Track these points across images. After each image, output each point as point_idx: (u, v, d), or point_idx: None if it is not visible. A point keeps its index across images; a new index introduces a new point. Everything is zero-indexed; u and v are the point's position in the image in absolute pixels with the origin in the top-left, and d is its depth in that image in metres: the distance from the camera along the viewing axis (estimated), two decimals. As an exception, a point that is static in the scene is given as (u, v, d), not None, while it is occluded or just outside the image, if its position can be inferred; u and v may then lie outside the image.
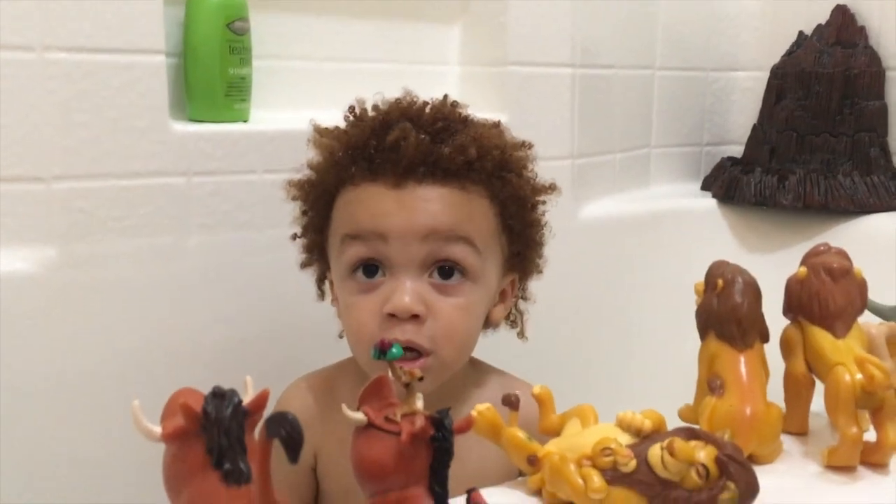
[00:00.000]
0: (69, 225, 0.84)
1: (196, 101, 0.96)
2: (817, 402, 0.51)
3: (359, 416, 0.37)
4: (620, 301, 1.26)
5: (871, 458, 0.47)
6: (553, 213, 1.19)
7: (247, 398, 0.36)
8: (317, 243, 0.79)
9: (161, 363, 0.90)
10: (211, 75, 0.95)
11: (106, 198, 0.86)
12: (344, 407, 0.37)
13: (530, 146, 0.78)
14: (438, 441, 0.36)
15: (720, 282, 0.49)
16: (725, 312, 0.48)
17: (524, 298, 0.81)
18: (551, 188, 0.78)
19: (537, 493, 0.44)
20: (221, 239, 0.93)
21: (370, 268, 0.69)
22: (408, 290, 0.66)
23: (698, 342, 1.27)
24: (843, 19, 1.30)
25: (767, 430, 0.47)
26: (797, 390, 0.51)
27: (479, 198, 0.72)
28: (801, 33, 1.36)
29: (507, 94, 1.15)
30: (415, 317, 0.66)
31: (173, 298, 0.91)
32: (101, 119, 0.85)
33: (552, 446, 0.44)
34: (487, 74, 1.17)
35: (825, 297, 0.50)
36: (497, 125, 0.78)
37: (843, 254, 0.51)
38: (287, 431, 0.30)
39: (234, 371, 0.92)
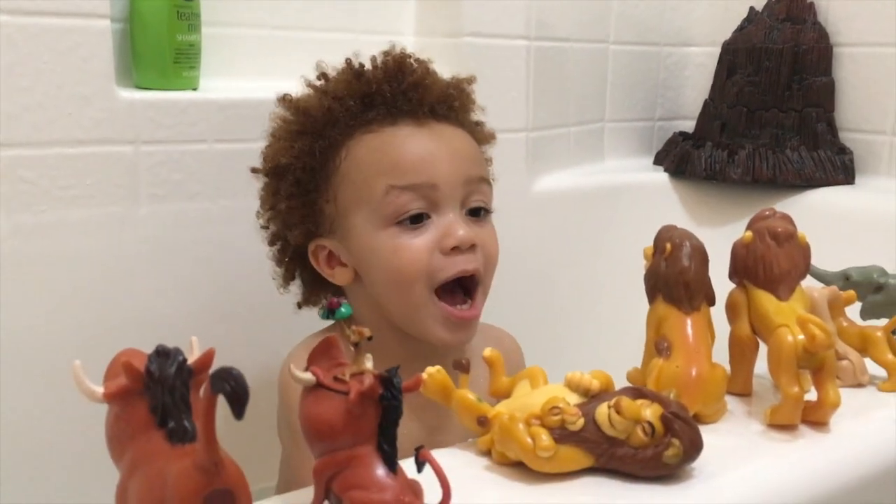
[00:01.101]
0: (13, 195, 0.82)
1: (143, 68, 0.94)
2: (760, 365, 0.52)
3: (307, 376, 0.37)
4: (575, 274, 1.27)
5: (812, 417, 0.48)
6: (508, 186, 1.19)
7: (192, 358, 0.35)
8: (311, 206, 0.77)
9: (111, 336, 0.88)
10: (159, 42, 0.92)
11: (50, 166, 0.84)
12: (292, 367, 0.37)
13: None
14: (387, 400, 0.36)
15: (668, 245, 0.50)
16: (673, 276, 0.49)
17: None
18: (492, 136, 0.84)
19: (487, 453, 0.45)
20: (172, 209, 0.92)
21: (416, 217, 0.71)
22: (461, 224, 0.71)
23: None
24: (793, -5, 1.32)
25: (712, 390, 0.48)
26: (742, 352, 0.52)
27: (472, 138, 0.79)
28: (752, 9, 1.37)
29: (462, 66, 1.13)
30: (472, 246, 0.71)
31: (123, 270, 0.89)
32: (45, 85, 0.83)
33: (502, 407, 0.44)
34: (443, 45, 1.16)
35: (770, 261, 0.51)
36: (470, 80, 0.83)
37: (787, 218, 0.52)
38: (231, 386, 0.30)
39: (183, 346, 0.93)
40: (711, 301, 0.51)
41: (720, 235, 1.32)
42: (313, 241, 0.78)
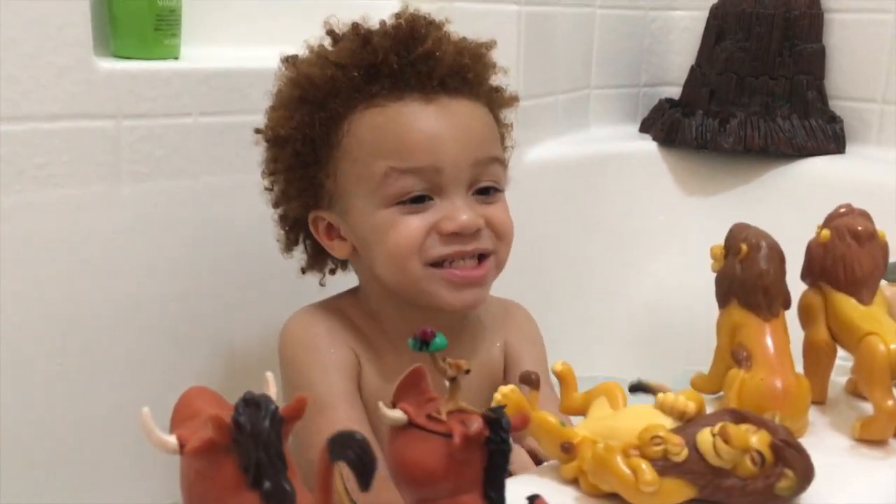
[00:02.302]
0: (-16, 174, 0.76)
1: (122, 36, 0.87)
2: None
3: (398, 414, 0.33)
4: (566, 244, 1.25)
5: (901, 430, 0.46)
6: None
7: (269, 392, 0.31)
8: (310, 180, 0.73)
9: (95, 323, 0.84)
10: (138, 7, 0.86)
11: (25, 143, 0.78)
12: (381, 405, 0.33)
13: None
14: (495, 444, 0.32)
15: (744, 246, 0.47)
16: (751, 280, 0.46)
17: None
18: (516, 98, 0.80)
19: (573, 481, 0.41)
20: (156, 187, 0.86)
21: (418, 198, 0.69)
22: (465, 208, 0.68)
23: (644, 281, 1.30)
24: (784, -41, 1.29)
25: (800, 404, 0.45)
26: (818, 358, 0.50)
27: (487, 110, 0.74)
28: (741, -27, 1.34)
29: (453, 31, 1.09)
30: (477, 231, 0.69)
31: (106, 252, 0.84)
32: (16, 55, 0.76)
33: (586, 431, 0.41)
34: (431, 9, 1.10)
35: (851, 262, 0.48)
36: (466, 39, 0.77)
37: (866, 215, 0.50)
38: (356, 454, 0.26)
39: (176, 326, 0.89)
40: (788, 305, 0.48)
41: (711, 205, 1.32)
42: (312, 212, 0.75)
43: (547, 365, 0.82)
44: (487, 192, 0.71)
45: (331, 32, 0.74)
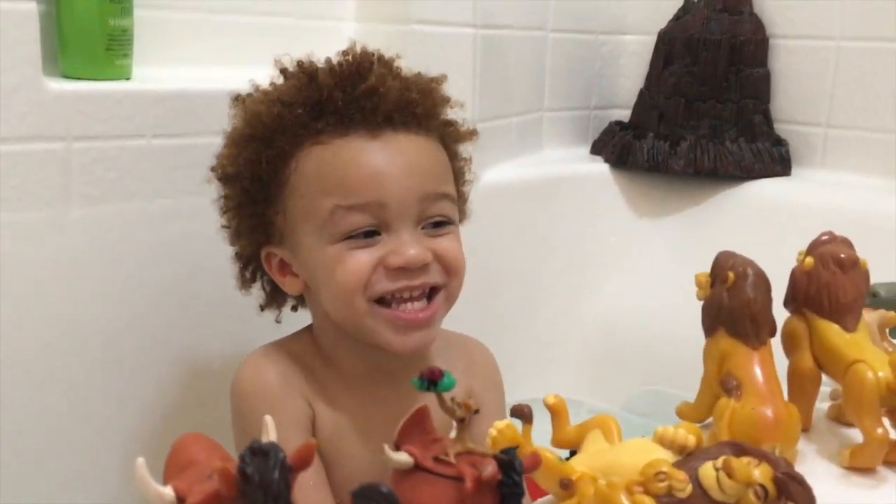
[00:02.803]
0: (-71, 198, 0.72)
1: (72, 56, 0.84)
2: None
3: (403, 457, 0.31)
4: (520, 266, 1.25)
5: (890, 458, 0.46)
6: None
7: (267, 437, 0.29)
8: (261, 217, 0.72)
9: (47, 348, 0.81)
10: (89, 26, 0.83)
11: (-29, 167, 0.74)
12: (386, 448, 0.32)
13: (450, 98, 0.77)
14: (508, 487, 0.31)
15: (731, 275, 0.47)
16: (738, 308, 0.46)
17: None
18: (475, 132, 0.79)
19: (572, 518, 0.40)
20: (108, 211, 0.84)
21: (369, 232, 0.68)
22: (412, 243, 0.67)
23: (598, 302, 1.31)
24: (729, -14, 1.32)
25: (790, 433, 0.45)
26: (802, 386, 0.50)
27: (439, 145, 0.73)
28: (687, -1, 1.37)
29: (409, 54, 1.07)
30: (425, 265, 0.68)
31: (57, 279, 0.81)
32: (-39, 75, 0.72)
33: (585, 467, 0.40)
34: (387, 32, 1.10)
35: (836, 290, 0.48)
36: (419, 74, 0.76)
37: (848, 242, 0.50)
38: (382, 505, 0.24)
39: (130, 353, 0.86)
40: (774, 332, 0.49)
41: (662, 227, 1.34)
42: (265, 249, 0.74)
43: (505, 409, 0.82)
44: (438, 226, 0.71)
45: (283, 70, 0.74)
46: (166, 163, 0.87)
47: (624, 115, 1.43)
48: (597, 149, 1.42)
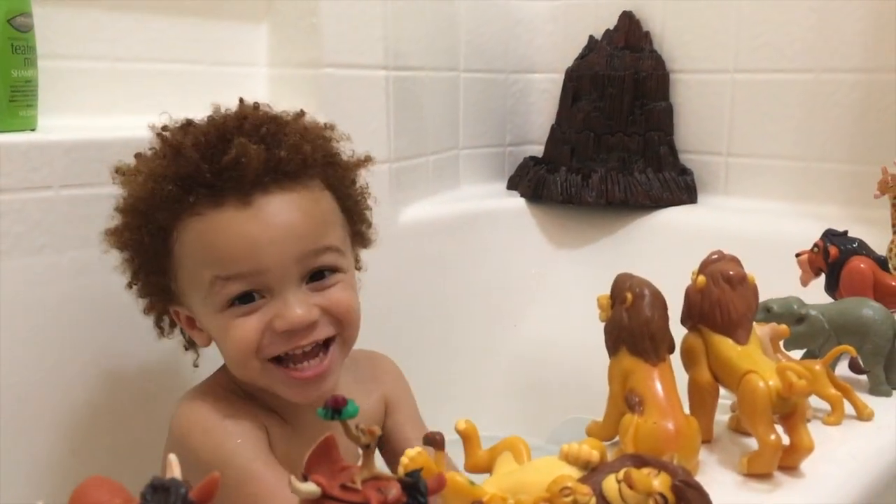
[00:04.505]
0: None
1: (-26, 108, 0.82)
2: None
3: (311, 487, 0.32)
4: (442, 302, 1.26)
5: (784, 462, 0.48)
6: (374, 219, 1.16)
7: (171, 473, 0.29)
8: (157, 283, 0.74)
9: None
10: (-9, 77, 0.82)
11: None
12: (292, 479, 0.32)
13: (332, 126, 0.78)
14: (414, 508, 0.32)
15: (629, 295, 0.49)
16: (638, 327, 0.48)
17: (358, 269, 0.82)
18: (367, 159, 0.80)
19: (483, 540, 0.41)
20: (15, 265, 0.81)
21: (247, 296, 0.68)
22: (297, 304, 0.68)
23: (520, 334, 1.33)
24: (629, 24, 1.38)
25: (691, 444, 0.47)
26: (702, 398, 0.52)
27: (321, 191, 0.73)
28: (591, 37, 1.42)
29: (322, 97, 1.10)
30: (313, 323, 0.69)
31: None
32: None
33: (494, 488, 0.41)
34: (300, 77, 1.12)
35: (726, 305, 0.51)
36: (301, 115, 0.77)
37: (736, 260, 0.53)
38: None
39: (40, 412, 0.83)
40: (672, 349, 0.51)
41: (578, 257, 1.37)
42: (171, 307, 0.76)
43: (418, 411, 0.87)
44: (323, 277, 0.71)
45: (159, 134, 0.73)
46: (76, 213, 0.86)
47: (537, 150, 1.47)
48: (513, 184, 1.45)
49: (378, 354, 0.87)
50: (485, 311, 1.32)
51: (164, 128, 0.73)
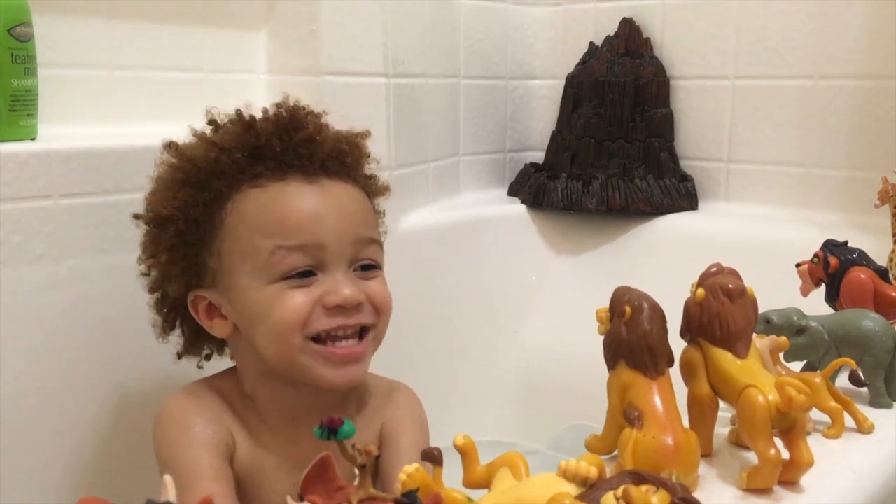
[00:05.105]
0: None
1: (-26, 118, 0.82)
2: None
3: (307, 507, 0.32)
4: (443, 309, 1.26)
5: (784, 476, 0.48)
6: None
7: (171, 500, 0.29)
8: (191, 259, 0.73)
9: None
10: (-9, 87, 0.82)
11: None
12: (289, 499, 0.32)
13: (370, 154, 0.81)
14: (410, 528, 0.32)
15: (627, 309, 0.48)
16: (636, 341, 0.48)
17: None
18: (387, 187, 0.83)
19: (480, 557, 0.41)
20: (14, 274, 0.81)
21: (306, 272, 0.70)
22: (347, 283, 0.70)
23: (521, 340, 1.32)
24: (629, 31, 1.38)
25: (690, 459, 0.47)
26: (702, 412, 0.52)
27: (364, 195, 0.77)
28: (591, 44, 1.42)
29: (322, 105, 1.08)
30: (359, 305, 0.71)
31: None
32: None
33: (489, 502, 0.41)
34: (300, 84, 1.11)
35: (726, 319, 0.51)
36: (348, 129, 0.80)
37: (735, 273, 0.53)
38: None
39: (39, 421, 0.83)
40: (671, 362, 0.51)
41: (578, 263, 1.37)
42: (192, 292, 0.75)
43: (424, 442, 0.82)
44: (367, 269, 0.74)
45: (212, 122, 0.76)
46: (75, 222, 0.86)
47: (538, 156, 1.47)
48: (513, 190, 1.45)
49: (399, 385, 0.85)
50: (485, 318, 1.32)
51: (238, 111, 0.76)
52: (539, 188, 1.36)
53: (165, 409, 0.75)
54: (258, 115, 0.75)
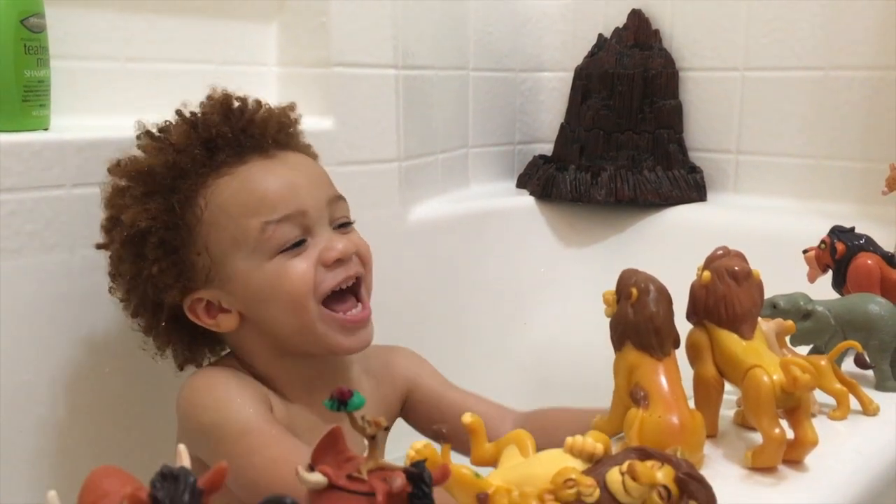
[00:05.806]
0: None
1: (-13, 108, 0.83)
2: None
3: (317, 477, 0.32)
4: (451, 300, 1.26)
5: (788, 456, 0.49)
6: (383, 217, 1.17)
7: (185, 466, 0.30)
8: (181, 264, 0.75)
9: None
10: (5, 78, 0.83)
11: None
12: (299, 469, 0.33)
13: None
14: (418, 499, 0.32)
15: (634, 291, 0.49)
16: (643, 322, 0.48)
17: None
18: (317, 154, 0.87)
19: (488, 531, 0.42)
20: (28, 263, 0.82)
21: (299, 242, 0.73)
22: (337, 238, 0.75)
23: (530, 332, 1.33)
24: (639, 22, 1.38)
25: (696, 438, 0.47)
26: (707, 393, 0.52)
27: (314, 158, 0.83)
28: (601, 36, 1.42)
29: (332, 97, 1.11)
30: (351, 256, 0.75)
31: (-24, 334, 0.79)
32: None
33: (500, 480, 0.42)
34: (310, 76, 1.12)
35: (731, 300, 0.51)
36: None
37: (741, 256, 0.53)
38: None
39: (50, 412, 0.84)
40: (678, 344, 0.51)
41: (587, 255, 1.37)
42: (189, 297, 0.76)
43: (439, 374, 0.89)
44: (344, 226, 0.78)
45: (162, 130, 0.78)
46: (88, 212, 0.86)
47: (547, 148, 1.47)
48: (522, 182, 1.45)
49: (394, 347, 0.89)
50: (494, 310, 1.32)
51: (179, 112, 0.79)
52: (548, 180, 1.37)
53: (196, 379, 0.75)
54: (196, 108, 0.78)
